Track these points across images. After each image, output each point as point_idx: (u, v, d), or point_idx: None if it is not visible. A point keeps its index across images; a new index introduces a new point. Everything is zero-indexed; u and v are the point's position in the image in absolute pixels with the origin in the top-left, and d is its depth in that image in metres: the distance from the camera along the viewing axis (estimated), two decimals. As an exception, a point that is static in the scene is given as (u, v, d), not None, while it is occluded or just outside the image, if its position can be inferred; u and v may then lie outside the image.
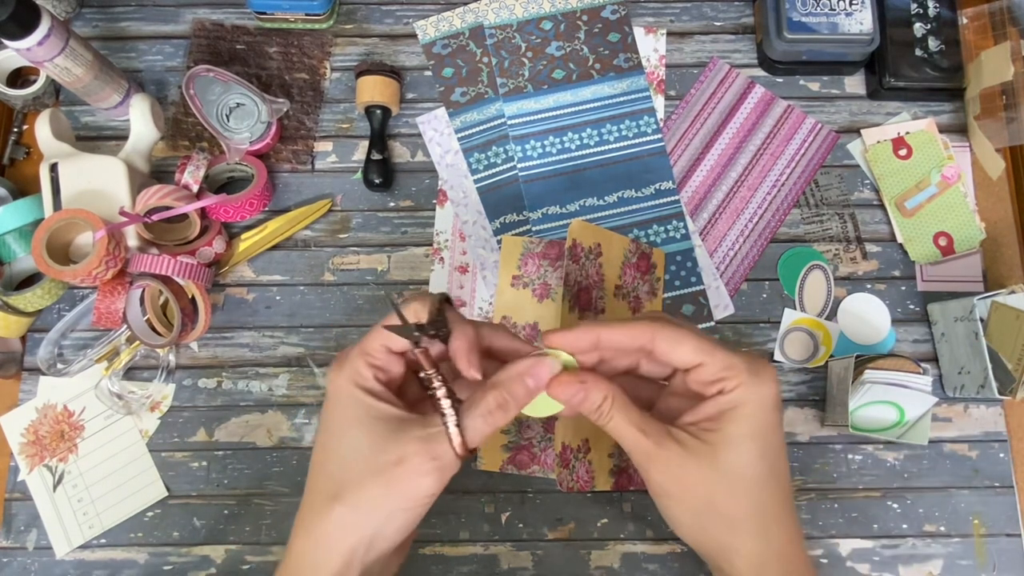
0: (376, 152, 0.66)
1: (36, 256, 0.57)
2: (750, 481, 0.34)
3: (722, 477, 0.34)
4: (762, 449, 0.35)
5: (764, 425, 0.35)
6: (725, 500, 0.34)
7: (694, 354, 0.36)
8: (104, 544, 0.60)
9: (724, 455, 0.34)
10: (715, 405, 0.35)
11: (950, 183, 0.67)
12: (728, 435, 0.34)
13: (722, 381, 0.35)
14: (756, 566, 0.34)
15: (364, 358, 0.38)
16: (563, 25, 0.71)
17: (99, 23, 0.71)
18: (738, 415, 0.35)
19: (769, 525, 0.34)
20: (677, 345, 0.36)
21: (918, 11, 0.68)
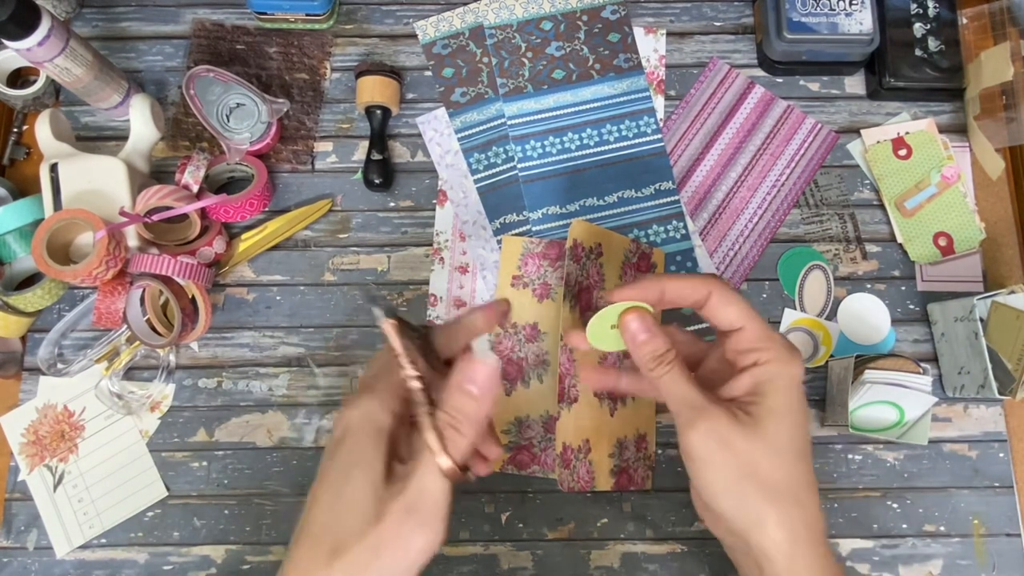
0: (376, 152, 0.66)
1: (36, 256, 0.57)
2: (790, 452, 0.36)
3: (767, 446, 0.35)
4: (798, 423, 0.36)
5: (796, 401, 0.37)
6: (768, 468, 0.35)
7: (739, 317, 0.38)
8: (104, 544, 0.60)
9: (767, 426, 0.35)
10: (751, 378, 0.37)
11: (950, 183, 0.67)
12: (770, 407, 0.36)
13: (758, 351, 0.37)
14: (790, 533, 0.35)
15: (382, 399, 0.36)
16: (563, 25, 0.71)
17: (99, 23, 0.71)
18: (776, 388, 0.36)
19: (803, 496, 0.36)
20: (728, 304, 0.38)
21: (918, 11, 0.68)
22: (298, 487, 0.62)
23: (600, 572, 0.60)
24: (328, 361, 0.64)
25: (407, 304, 0.65)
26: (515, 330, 0.63)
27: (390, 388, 0.37)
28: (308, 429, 0.63)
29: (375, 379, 0.38)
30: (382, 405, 0.36)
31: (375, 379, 0.38)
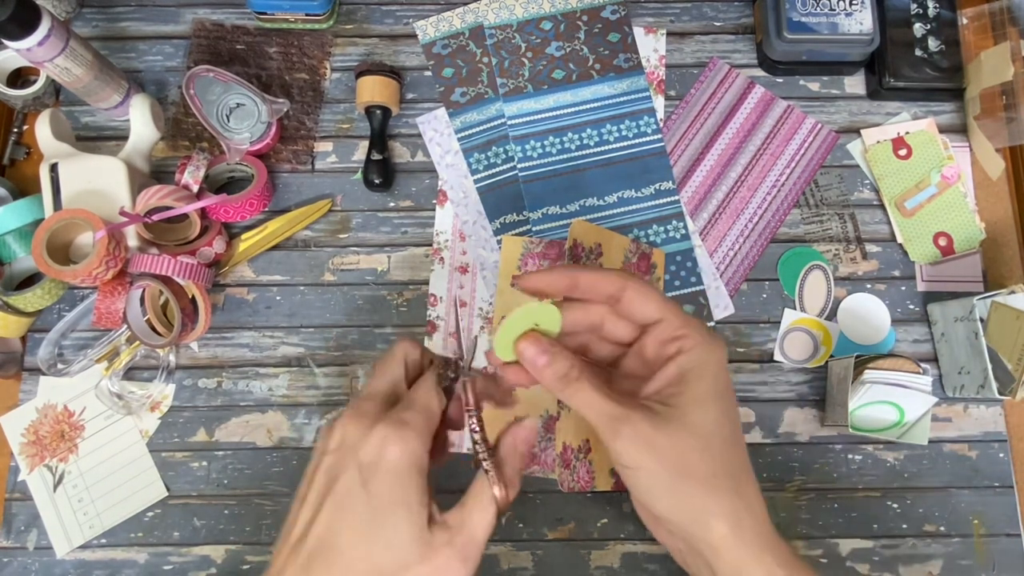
0: (376, 152, 0.66)
1: (36, 256, 0.57)
2: (720, 440, 0.35)
3: (695, 438, 0.34)
4: (725, 409, 0.36)
5: (723, 386, 0.36)
6: (699, 461, 0.34)
7: (657, 309, 0.37)
8: (104, 544, 0.60)
9: (693, 416, 0.34)
10: (676, 367, 0.36)
11: (950, 183, 0.67)
12: (694, 395, 0.35)
13: (680, 340, 0.36)
14: (733, 524, 0.34)
15: (423, 439, 0.36)
16: (563, 25, 0.71)
17: (99, 23, 0.71)
18: (700, 375, 0.35)
19: (741, 483, 0.35)
20: (645, 299, 0.37)
21: (918, 11, 0.68)
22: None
23: (600, 572, 0.60)
24: (328, 361, 0.64)
25: (407, 304, 0.66)
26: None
27: (428, 426, 0.36)
28: (308, 429, 0.63)
29: (409, 410, 0.36)
30: (423, 444, 0.35)
31: (409, 410, 0.36)
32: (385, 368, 0.40)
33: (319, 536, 0.34)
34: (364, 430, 0.35)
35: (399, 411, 0.36)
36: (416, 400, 0.38)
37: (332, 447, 0.36)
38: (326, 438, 0.37)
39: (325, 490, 0.35)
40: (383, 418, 0.36)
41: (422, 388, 0.39)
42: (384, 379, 0.39)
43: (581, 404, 0.36)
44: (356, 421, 0.36)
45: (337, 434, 0.36)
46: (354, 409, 0.37)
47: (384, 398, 0.37)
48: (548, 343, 0.37)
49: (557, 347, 0.37)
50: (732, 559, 0.34)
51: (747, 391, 0.64)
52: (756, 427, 0.63)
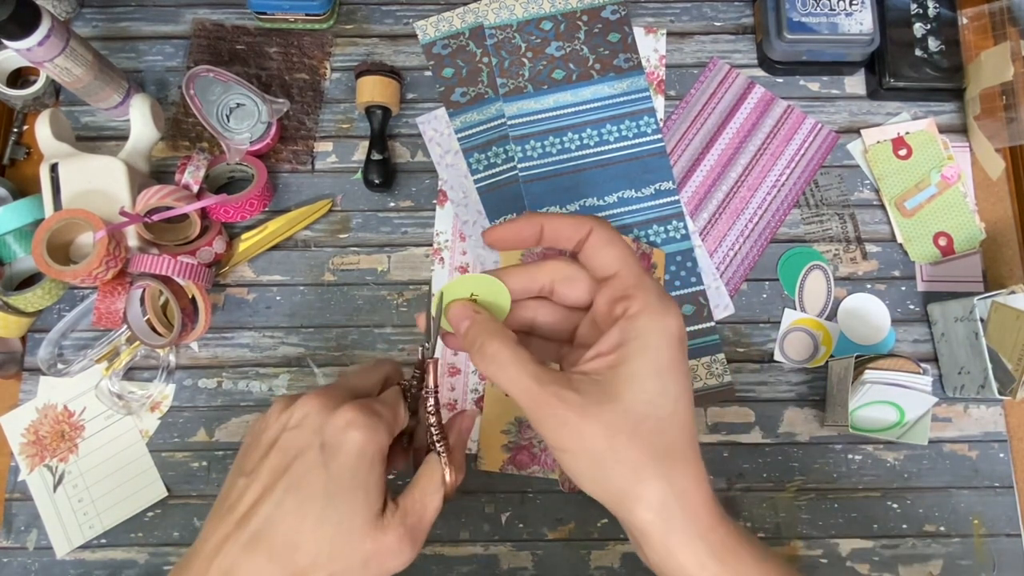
0: (376, 152, 0.66)
1: (36, 256, 0.57)
2: (651, 421, 0.32)
3: (623, 419, 0.31)
4: (664, 386, 0.32)
5: (668, 361, 0.32)
6: (625, 446, 0.31)
7: (615, 259, 0.34)
8: (104, 544, 0.60)
9: (626, 393, 0.31)
10: (618, 332, 0.32)
11: (950, 183, 0.67)
12: (630, 371, 0.32)
13: (627, 300, 0.33)
14: (658, 510, 0.32)
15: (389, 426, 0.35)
16: (563, 25, 0.71)
17: (99, 23, 0.71)
18: (641, 347, 0.32)
19: (672, 467, 0.32)
20: (607, 245, 0.34)
21: (918, 11, 0.68)
22: (298, 487, 0.62)
23: (600, 572, 0.60)
24: (328, 361, 0.64)
25: (407, 304, 0.65)
26: (515, 330, 0.63)
27: (393, 425, 0.36)
28: (308, 429, 0.63)
29: (379, 402, 0.36)
30: (387, 437, 0.35)
31: (379, 402, 0.36)
32: (363, 374, 0.39)
33: (268, 516, 0.33)
34: (329, 411, 0.35)
35: (369, 401, 0.36)
36: (387, 398, 0.37)
37: (293, 423, 0.35)
38: (284, 412, 0.36)
39: (280, 468, 0.34)
40: (351, 401, 0.35)
41: (392, 392, 0.38)
42: (358, 380, 0.38)
43: (500, 378, 0.33)
44: (320, 400, 0.35)
45: (299, 411, 0.35)
46: (321, 390, 0.36)
47: (352, 392, 0.37)
48: (471, 308, 0.35)
49: (485, 314, 0.35)
50: (660, 545, 0.32)
51: (747, 391, 0.64)
52: (756, 427, 0.63)
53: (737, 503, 0.62)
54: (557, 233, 0.35)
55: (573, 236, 0.35)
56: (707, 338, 0.65)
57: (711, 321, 0.65)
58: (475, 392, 0.63)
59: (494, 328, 0.34)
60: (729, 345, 0.65)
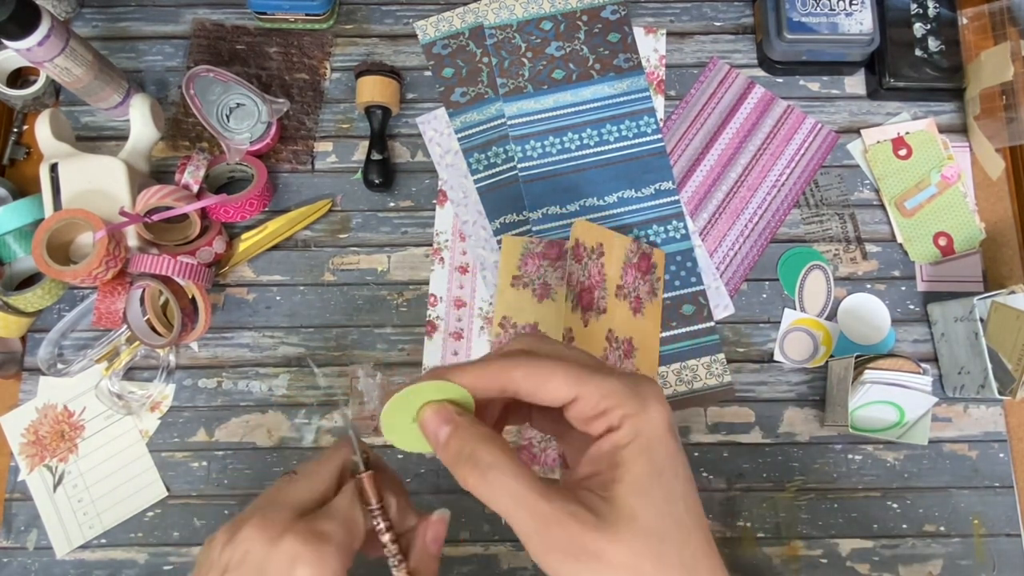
0: (376, 152, 0.66)
1: (36, 256, 0.57)
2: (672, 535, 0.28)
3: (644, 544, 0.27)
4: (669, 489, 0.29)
5: (666, 459, 0.29)
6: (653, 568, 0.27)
7: (566, 387, 0.29)
8: (104, 544, 0.60)
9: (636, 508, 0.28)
10: (608, 444, 0.29)
11: (950, 183, 0.67)
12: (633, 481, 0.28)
13: (605, 415, 0.29)
14: None
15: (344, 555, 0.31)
16: (563, 25, 0.71)
17: (99, 23, 0.71)
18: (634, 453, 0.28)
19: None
20: (544, 381, 0.29)
21: (918, 11, 0.68)
22: (298, 487, 0.62)
23: (600, 572, 0.60)
24: (328, 361, 0.64)
25: (407, 304, 0.65)
26: (515, 330, 0.63)
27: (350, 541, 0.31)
28: (308, 429, 0.63)
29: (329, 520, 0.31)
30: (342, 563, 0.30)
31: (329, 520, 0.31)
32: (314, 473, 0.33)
33: None
34: (270, 544, 0.30)
35: (315, 521, 0.31)
36: (337, 509, 0.32)
37: (234, 563, 0.30)
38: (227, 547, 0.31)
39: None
40: (294, 529, 0.30)
41: (345, 497, 0.33)
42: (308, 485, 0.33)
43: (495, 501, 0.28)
44: (262, 532, 0.30)
45: (241, 546, 0.30)
46: (262, 515, 0.31)
47: (299, 508, 0.32)
48: (454, 412, 0.30)
49: (467, 417, 0.29)
50: None
51: (747, 391, 0.64)
52: (756, 427, 0.63)
53: (737, 503, 0.62)
54: (471, 390, 0.30)
55: (492, 388, 0.30)
56: (707, 338, 0.65)
57: (711, 321, 0.65)
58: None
59: (484, 433, 0.29)
60: (729, 345, 0.65)
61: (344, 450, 0.34)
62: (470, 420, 0.30)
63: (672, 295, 0.65)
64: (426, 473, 0.62)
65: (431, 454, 0.35)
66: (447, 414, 0.29)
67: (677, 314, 0.65)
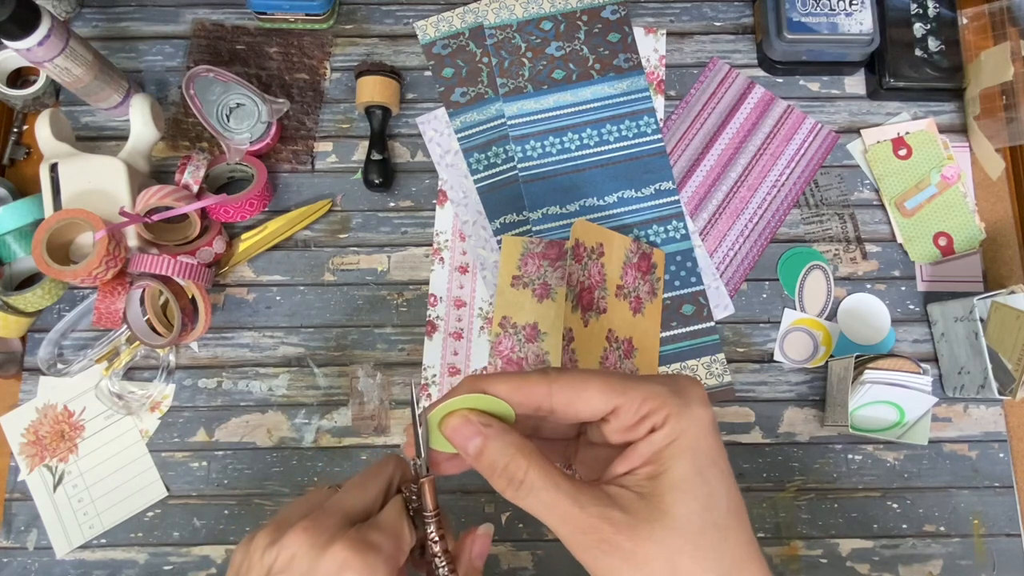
0: (376, 152, 0.66)
1: (36, 256, 0.57)
2: (710, 532, 0.28)
3: (681, 539, 0.27)
4: (712, 487, 0.28)
5: (708, 457, 0.28)
6: (691, 564, 0.27)
7: (603, 399, 0.29)
8: (104, 544, 0.60)
9: (676, 507, 0.27)
10: (648, 445, 0.29)
11: (950, 183, 0.67)
12: (673, 479, 0.28)
13: (649, 418, 0.29)
14: None
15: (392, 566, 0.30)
16: (563, 25, 0.71)
17: (99, 23, 0.71)
18: (676, 453, 0.28)
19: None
20: (580, 393, 0.29)
21: (918, 11, 0.68)
22: (298, 487, 0.62)
23: (600, 572, 0.60)
24: (328, 361, 0.64)
25: (407, 304, 0.65)
26: (515, 330, 0.63)
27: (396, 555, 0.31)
28: (308, 429, 0.63)
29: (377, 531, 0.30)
30: (391, 567, 0.30)
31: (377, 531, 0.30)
32: (366, 484, 0.33)
33: None
34: (319, 550, 0.29)
35: (364, 530, 0.30)
36: (386, 521, 0.31)
37: (279, 567, 0.29)
38: (269, 550, 0.30)
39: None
40: (343, 537, 0.29)
41: (393, 509, 0.32)
42: (359, 496, 0.32)
43: (534, 509, 0.28)
44: (311, 537, 0.29)
45: (286, 551, 0.29)
46: (312, 520, 0.30)
47: (348, 516, 0.31)
48: (483, 420, 0.29)
49: (496, 426, 0.29)
50: None
51: (747, 391, 0.64)
52: (756, 427, 0.63)
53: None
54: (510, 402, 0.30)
55: (527, 403, 0.30)
56: (707, 338, 0.65)
57: (711, 321, 0.65)
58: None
59: (514, 442, 0.29)
60: (729, 345, 0.65)
61: (390, 468, 0.34)
62: (498, 429, 0.29)
63: (672, 295, 0.65)
64: (426, 473, 0.62)
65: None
66: (475, 426, 0.29)
67: (677, 314, 0.65)
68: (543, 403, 0.29)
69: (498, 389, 0.30)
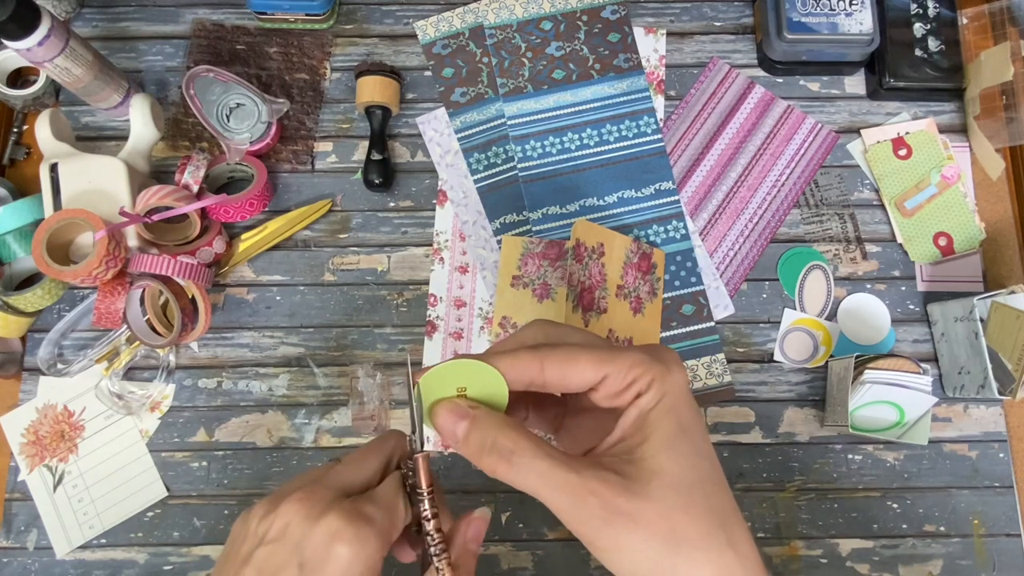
0: (376, 152, 0.66)
1: (36, 256, 0.57)
2: (699, 487, 0.29)
3: (675, 495, 0.28)
4: (695, 445, 0.29)
5: (690, 416, 0.30)
6: (685, 522, 0.28)
7: (592, 369, 0.30)
8: (104, 544, 0.60)
9: (665, 465, 0.28)
10: (636, 410, 0.30)
11: (950, 183, 0.67)
12: (660, 439, 0.29)
13: (634, 384, 0.30)
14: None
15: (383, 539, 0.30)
16: (563, 25, 0.71)
17: (99, 23, 0.71)
18: (662, 412, 0.29)
19: (731, 532, 0.29)
20: (571, 365, 0.30)
21: (918, 11, 0.68)
22: (298, 487, 0.62)
23: (600, 572, 0.60)
24: (328, 361, 0.64)
25: (407, 304, 0.65)
26: (515, 330, 0.63)
27: (390, 529, 0.31)
28: (308, 429, 0.63)
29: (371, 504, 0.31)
30: (380, 548, 0.30)
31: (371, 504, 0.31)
32: (365, 458, 0.33)
33: None
34: (312, 520, 0.29)
35: (359, 502, 0.30)
36: (381, 495, 0.31)
37: (272, 536, 0.30)
38: (264, 519, 0.30)
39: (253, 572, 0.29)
40: (337, 508, 0.30)
41: (390, 484, 0.32)
42: (356, 470, 0.32)
43: (525, 484, 0.29)
44: (305, 507, 0.30)
45: (280, 520, 0.30)
46: (307, 492, 0.30)
47: (343, 489, 0.31)
48: (465, 406, 0.30)
49: (480, 410, 0.30)
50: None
51: (747, 391, 0.64)
52: (756, 427, 0.63)
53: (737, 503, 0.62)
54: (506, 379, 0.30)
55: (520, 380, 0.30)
56: (707, 338, 0.65)
57: (711, 321, 0.65)
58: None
59: (502, 420, 0.30)
60: (729, 345, 0.65)
61: (391, 443, 0.34)
62: (485, 411, 0.30)
63: (672, 295, 0.65)
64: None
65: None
66: (461, 410, 0.30)
67: (677, 314, 0.65)
68: (535, 378, 0.30)
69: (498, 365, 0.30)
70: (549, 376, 0.30)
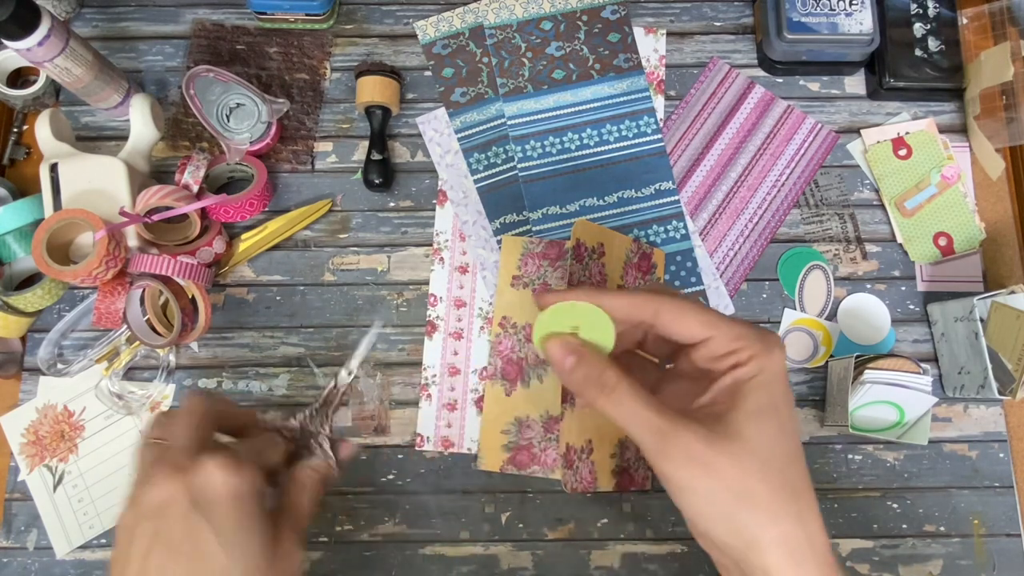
0: (376, 152, 0.66)
1: (36, 256, 0.57)
2: (779, 459, 0.31)
3: (753, 458, 0.30)
4: (781, 423, 0.32)
5: (781, 396, 0.32)
6: (759, 483, 0.30)
7: (700, 327, 0.33)
8: (104, 544, 0.60)
9: (750, 432, 0.31)
10: (731, 379, 0.32)
11: (950, 183, 0.67)
12: (750, 409, 0.31)
13: (734, 354, 0.32)
14: (792, 554, 0.30)
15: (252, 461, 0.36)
16: (563, 25, 0.71)
17: (99, 23, 0.71)
18: (756, 386, 0.32)
19: (800, 507, 0.31)
20: (682, 318, 0.33)
21: (918, 11, 0.68)
22: (298, 487, 0.62)
23: (600, 572, 0.60)
24: (328, 361, 0.64)
25: (407, 304, 0.66)
26: (515, 330, 0.63)
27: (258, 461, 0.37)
28: (308, 429, 0.63)
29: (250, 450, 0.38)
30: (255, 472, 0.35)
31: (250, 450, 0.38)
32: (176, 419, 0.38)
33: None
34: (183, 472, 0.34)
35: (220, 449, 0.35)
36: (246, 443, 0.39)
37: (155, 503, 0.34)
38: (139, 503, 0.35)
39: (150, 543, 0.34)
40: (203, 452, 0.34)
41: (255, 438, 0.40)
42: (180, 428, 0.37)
43: (621, 416, 0.32)
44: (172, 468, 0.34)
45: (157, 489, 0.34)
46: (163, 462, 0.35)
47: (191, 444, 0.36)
48: (577, 343, 0.34)
49: (588, 348, 0.34)
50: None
51: (747, 391, 0.64)
52: (756, 427, 0.63)
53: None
54: (615, 313, 0.34)
55: (635, 316, 0.34)
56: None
57: (711, 321, 0.65)
58: (475, 392, 0.63)
59: (606, 360, 0.33)
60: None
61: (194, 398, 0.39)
62: (592, 351, 0.34)
63: (672, 295, 0.65)
64: (426, 473, 0.62)
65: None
66: (572, 346, 0.34)
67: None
68: (647, 318, 0.34)
69: (612, 303, 0.34)
70: (661, 320, 0.34)
